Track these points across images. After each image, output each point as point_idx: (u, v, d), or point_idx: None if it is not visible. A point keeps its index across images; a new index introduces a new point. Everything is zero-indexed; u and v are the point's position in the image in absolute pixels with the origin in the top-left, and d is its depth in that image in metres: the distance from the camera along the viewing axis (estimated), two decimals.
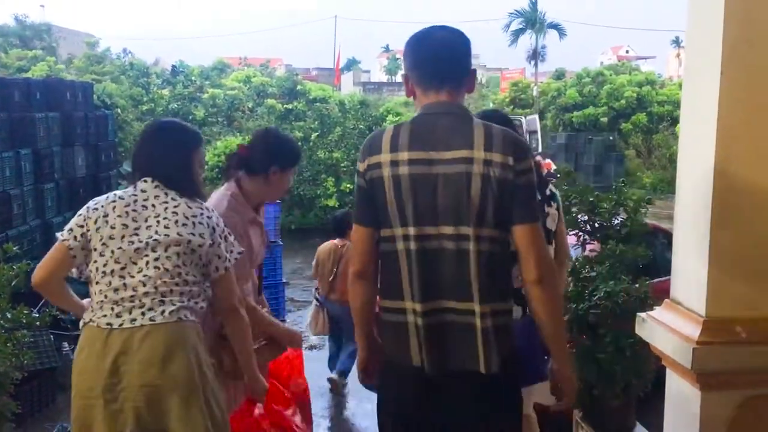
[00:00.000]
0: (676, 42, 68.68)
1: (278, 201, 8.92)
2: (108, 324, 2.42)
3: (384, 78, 66.77)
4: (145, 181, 2.59)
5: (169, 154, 2.65)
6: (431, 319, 2.13)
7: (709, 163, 2.25)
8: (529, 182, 2.11)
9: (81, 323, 2.54)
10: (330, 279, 5.80)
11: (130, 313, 2.42)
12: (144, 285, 2.44)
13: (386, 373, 2.30)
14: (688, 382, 2.31)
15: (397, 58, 73.91)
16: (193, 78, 17.97)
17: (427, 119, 2.18)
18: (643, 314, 2.57)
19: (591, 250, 4.20)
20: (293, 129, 15.49)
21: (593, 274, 3.91)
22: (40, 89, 7.96)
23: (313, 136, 14.50)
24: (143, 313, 2.41)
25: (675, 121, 21.85)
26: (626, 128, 22.89)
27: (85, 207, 2.57)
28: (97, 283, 2.49)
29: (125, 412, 2.36)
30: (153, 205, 2.55)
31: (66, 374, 5.68)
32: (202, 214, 2.59)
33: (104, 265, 2.48)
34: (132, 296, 2.43)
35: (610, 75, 24.94)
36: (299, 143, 14.72)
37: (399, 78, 67.08)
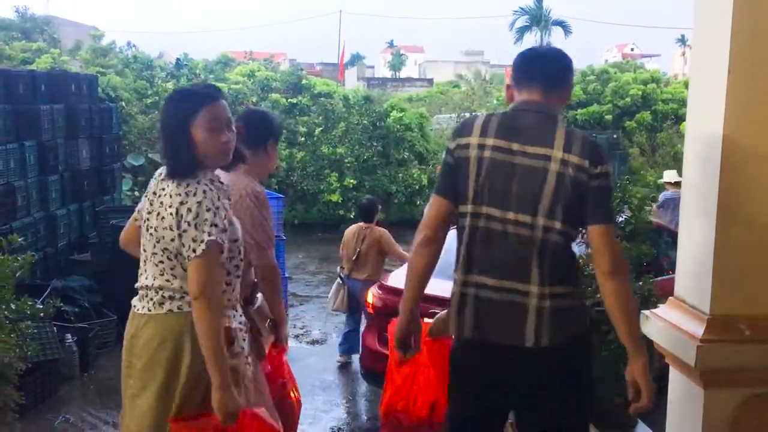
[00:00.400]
0: (682, 40, 68.50)
1: (281, 196, 8.93)
2: (134, 305, 2.62)
3: (388, 73, 66.69)
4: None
5: (162, 130, 2.61)
6: (488, 292, 2.35)
7: (715, 162, 2.25)
8: (605, 185, 2.29)
9: None
10: (354, 258, 6.25)
11: (141, 301, 2.58)
12: (150, 278, 2.56)
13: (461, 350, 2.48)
14: (691, 380, 2.31)
15: (401, 54, 73.81)
16: (197, 72, 17.94)
17: (517, 114, 2.39)
18: (646, 312, 2.57)
19: None
20: (297, 123, 15.46)
21: None
22: (44, 81, 7.96)
23: (317, 130, 14.49)
24: (147, 303, 2.55)
25: (679, 119, 21.79)
26: (630, 126, 22.82)
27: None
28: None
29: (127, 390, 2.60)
30: (155, 192, 2.57)
31: (69, 366, 5.72)
32: (180, 202, 2.46)
33: (143, 250, 2.61)
34: (145, 286, 2.56)
35: (615, 73, 24.85)
36: (303, 138, 14.70)
37: (403, 73, 66.98)
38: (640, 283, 3.81)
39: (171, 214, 2.46)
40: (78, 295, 6.32)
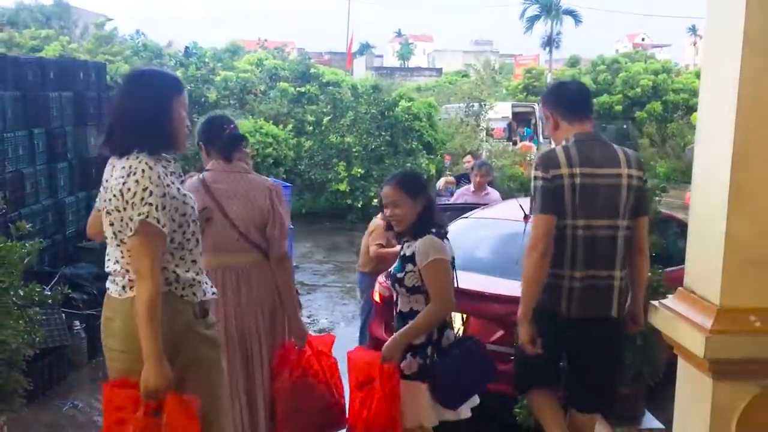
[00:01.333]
0: (693, 30, 67.99)
1: (289, 184, 8.92)
2: (107, 287, 2.70)
3: (397, 63, 66.49)
4: None
5: (137, 104, 2.62)
6: (584, 281, 3.10)
7: (726, 151, 2.22)
8: (646, 187, 3.21)
9: None
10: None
11: (112, 284, 2.67)
12: (113, 262, 2.63)
13: (541, 321, 3.13)
14: (700, 371, 2.30)
15: (410, 43, 73.58)
16: (206, 60, 17.90)
17: (584, 145, 3.13)
18: (656, 302, 2.56)
19: None
20: (305, 112, 15.44)
21: None
22: (53, 69, 7.97)
23: (325, 119, 14.47)
24: (116, 287, 2.63)
25: (690, 109, 21.68)
26: (641, 116, 22.73)
27: None
28: None
29: None
30: (106, 179, 2.70)
31: (77, 352, 5.75)
32: (121, 177, 2.52)
33: (105, 235, 2.66)
34: (113, 270, 2.63)
35: (626, 63, 24.72)
36: (311, 127, 14.65)
37: (412, 63, 66.75)
38: (649, 273, 3.78)
39: (113, 189, 2.55)
40: (86, 282, 6.34)
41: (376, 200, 13.06)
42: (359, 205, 13.18)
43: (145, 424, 2.42)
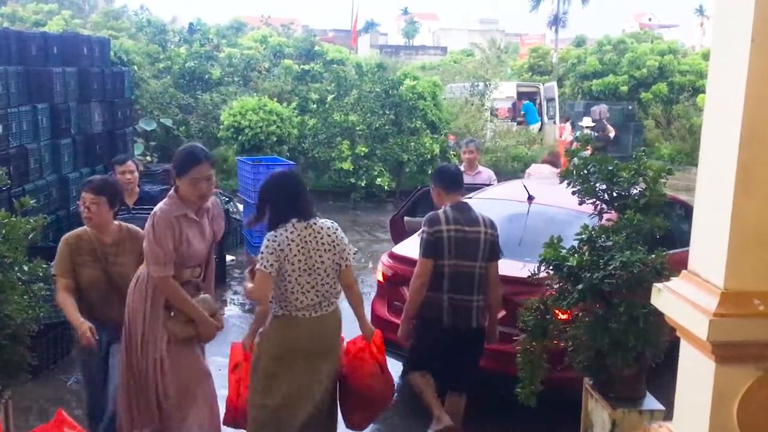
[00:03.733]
0: (700, 11, 67.37)
1: (292, 163, 8.90)
2: None
3: (402, 41, 66.02)
4: None
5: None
6: (454, 302, 4.35)
7: (734, 134, 2.21)
8: (497, 240, 4.45)
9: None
10: None
11: None
12: None
13: (425, 327, 4.46)
14: (702, 354, 2.30)
15: (415, 22, 73.00)
16: (209, 37, 17.79)
17: (457, 209, 4.41)
18: (659, 285, 2.55)
19: (608, 219, 4.16)
20: (309, 90, 15.36)
21: (609, 243, 3.88)
22: (57, 44, 7.93)
23: (330, 98, 14.39)
24: None
25: (696, 91, 21.51)
26: (646, 98, 22.53)
27: None
28: None
29: None
30: None
31: None
32: None
33: None
34: None
35: (632, 43, 24.48)
36: (315, 105, 14.60)
37: (417, 41, 66.31)
38: (653, 255, 3.78)
39: None
40: None
41: (379, 179, 13.05)
42: (363, 184, 13.16)
43: None
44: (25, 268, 3.70)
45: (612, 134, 16.37)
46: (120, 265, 3.99)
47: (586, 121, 15.99)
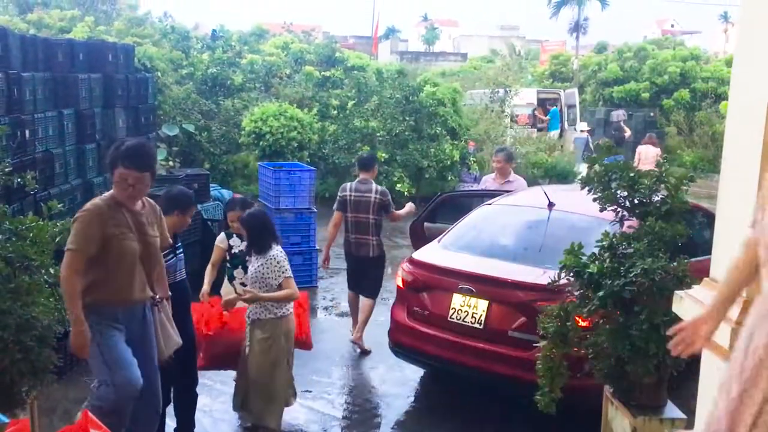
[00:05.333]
0: (724, 17, 66.70)
1: (313, 168, 8.95)
2: None
3: (422, 47, 66.08)
4: None
5: None
6: (356, 240, 6.47)
7: (757, 143, 2.20)
8: (385, 201, 6.47)
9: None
10: None
11: None
12: None
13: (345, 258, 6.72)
14: (724, 362, 2.29)
15: (436, 28, 73.04)
16: (232, 43, 17.93)
17: (360, 182, 6.50)
18: (681, 292, 2.55)
19: (629, 227, 4.14)
20: (330, 96, 15.43)
21: (630, 250, 3.87)
22: (83, 51, 8.06)
23: (350, 104, 14.44)
24: None
25: (719, 98, 21.28)
26: (668, 104, 22.34)
27: None
28: None
29: None
30: None
31: None
32: None
33: None
34: None
35: (653, 50, 24.31)
36: (335, 111, 14.65)
37: (437, 48, 66.36)
38: (675, 263, 3.76)
39: None
40: None
41: (399, 185, 13.06)
42: None
43: None
44: (51, 270, 3.77)
45: (627, 134, 18.82)
46: (152, 236, 3.82)
47: (583, 126, 19.16)
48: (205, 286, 5.22)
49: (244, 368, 4.69)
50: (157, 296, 3.94)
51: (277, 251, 4.56)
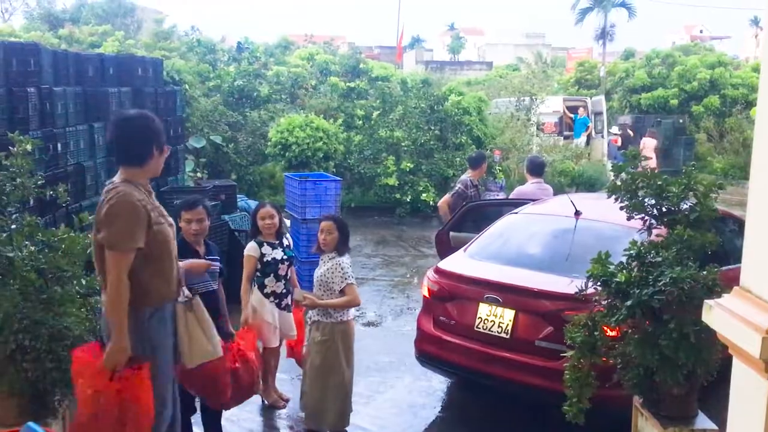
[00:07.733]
0: (755, 21, 65.76)
1: (338, 179, 9.00)
2: None
3: (447, 57, 66.11)
4: None
5: None
6: None
7: None
8: None
9: None
10: None
11: None
12: None
13: None
14: (755, 372, 2.26)
15: (461, 37, 73.02)
16: (257, 55, 18.14)
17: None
18: (711, 301, 2.52)
19: (657, 235, 4.10)
20: (355, 107, 15.51)
21: (658, 259, 3.83)
22: (112, 65, 8.20)
23: (375, 114, 14.50)
24: None
25: (749, 104, 20.99)
26: (697, 111, 22.09)
27: None
28: None
29: None
30: None
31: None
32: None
33: None
34: None
35: (680, 56, 24.06)
36: (360, 122, 14.77)
37: (462, 57, 66.34)
38: (704, 272, 3.71)
39: None
40: None
41: (425, 195, 13.07)
42: (408, 200, 13.20)
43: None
44: (83, 281, 3.84)
45: (631, 133, 20.74)
46: (170, 220, 3.61)
47: (614, 129, 20.93)
48: (248, 311, 5.04)
49: (305, 369, 4.84)
50: (191, 293, 3.76)
51: (345, 257, 4.75)
